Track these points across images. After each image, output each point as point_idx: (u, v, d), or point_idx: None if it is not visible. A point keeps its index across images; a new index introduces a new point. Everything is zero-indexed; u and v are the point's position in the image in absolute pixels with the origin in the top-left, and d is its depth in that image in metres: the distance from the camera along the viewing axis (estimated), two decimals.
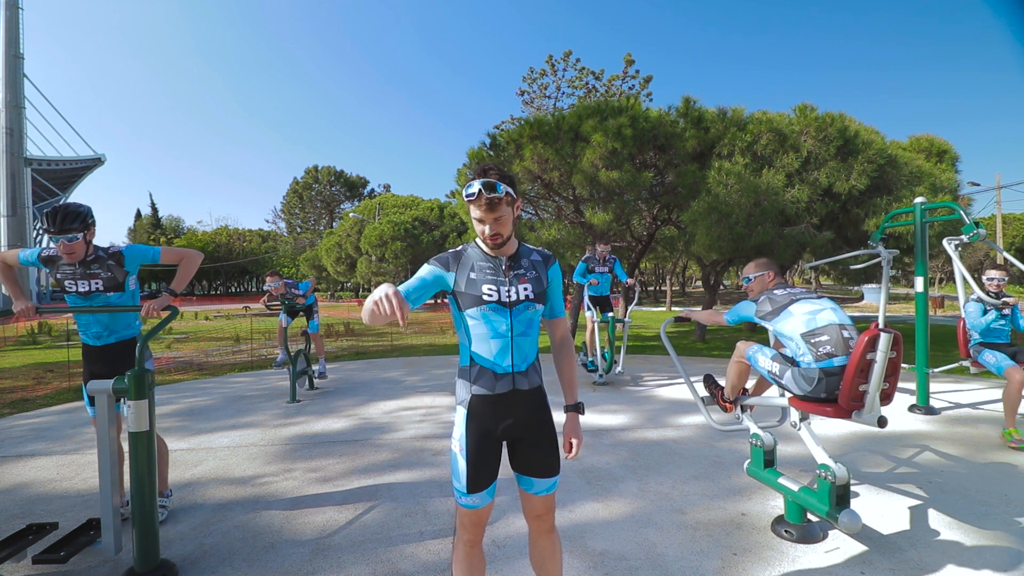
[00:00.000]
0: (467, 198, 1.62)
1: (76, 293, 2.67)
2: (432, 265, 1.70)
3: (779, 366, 2.70)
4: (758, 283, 3.01)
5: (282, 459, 4.03)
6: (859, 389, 2.42)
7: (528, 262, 1.74)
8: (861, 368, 2.39)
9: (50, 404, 6.22)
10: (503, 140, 10.42)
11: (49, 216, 2.53)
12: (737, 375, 3.09)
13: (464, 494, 1.66)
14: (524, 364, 1.69)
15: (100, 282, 2.68)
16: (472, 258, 1.71)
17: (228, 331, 16.97)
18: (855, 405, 2.44)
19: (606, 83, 27.57)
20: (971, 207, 15.47)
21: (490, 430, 1.68)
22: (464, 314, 1.68)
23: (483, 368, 1.67)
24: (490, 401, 1.67)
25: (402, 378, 7.64)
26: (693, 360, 9.26)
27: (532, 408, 1.72)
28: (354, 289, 62.43)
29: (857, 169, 8.86)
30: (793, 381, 2.61)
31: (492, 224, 1.62)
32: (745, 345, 2.98)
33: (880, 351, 2.36)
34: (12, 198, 48.25)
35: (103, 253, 2.73)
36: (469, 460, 1.66)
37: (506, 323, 1.66)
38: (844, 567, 2.39)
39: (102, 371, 2.77)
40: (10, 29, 48.34)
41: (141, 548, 2.31)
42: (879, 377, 2.38)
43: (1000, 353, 4.23)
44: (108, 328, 2.79)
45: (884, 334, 2.36)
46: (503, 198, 1.60)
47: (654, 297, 43.30)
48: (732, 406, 3.19)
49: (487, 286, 1.66)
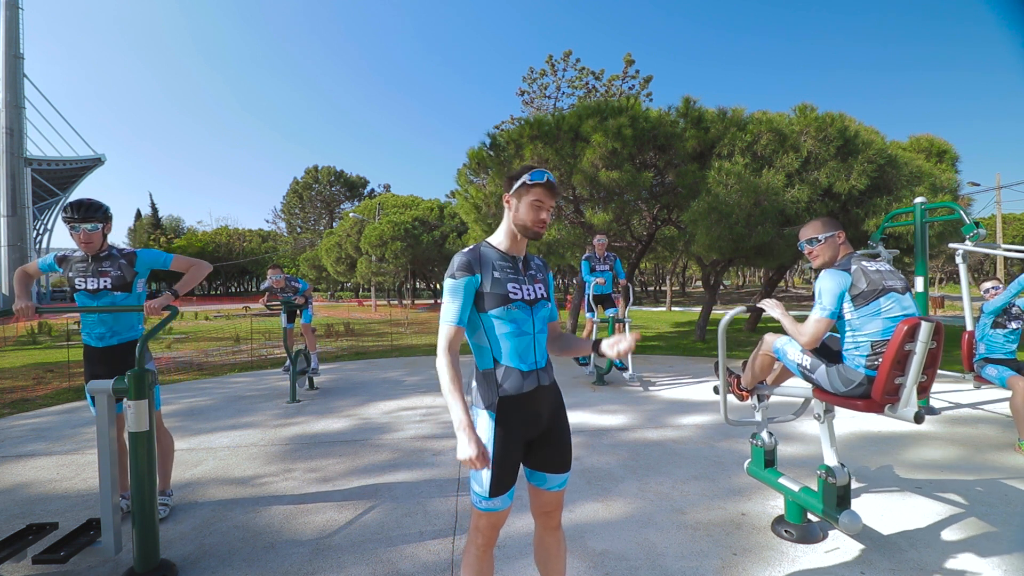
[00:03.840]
0: (531, 181, 1.66)
1: (85, 291, 2.74)
2: (460, 276, 1.62)
3: (811, 360, 2.48)
4: (829, 245, 2.47)
5: (282, 459, 4.03)
6: (895, 382, 2.24)
7: (535, 264, 1.82)
8: (898, 360, 2.20)
9: (50, 404, 6.22)
10: (503, 140, 10.42)
11: (72, 206, 2.64)
12: (760, 368, 2.90)
13: (486, 498, 1.63)
14: (544, 361, 1.74)
15: (109, 280, 2.74)
16: (491, 258, 1.69)
17: (228, 331, 16.97)
18: (890, 399, 2.27)
19: (606, 83, 27.58)
20: (971, 207, 15.49)
21: (517, 431, 1.66)
22: (487, 315, 1.65)
23: (509, 368, 1.66)
24: (519, 401, 1.66)
25: (402, 378, 7.64)
26: (693, 360, 9.26)
27: (554, 404, 1.77)
28: (354, 289, 62.46)
29: (857, 169, 8.86)
30: (827, 378, 2.40)
31: (548, 210, 1.71)
32: (773, 337, 2.76)
33: (920, 341, 2.18)
34: (12, 198, 48.26)
35: (116, 252, 2.82)
36: (496, 463, 1.62)
37: (530, 321, 1.69)
38: (844, 567, 2.39)
39: (103, 372, 2.80)
40: (10, 29, 48.35)
41: (141, 548, 2.31)
42: (917, 369, 2.20)
43: (1002, 367, 4.22)
44: (111, 330, 2.82)
45: (925, 323, 2.18)
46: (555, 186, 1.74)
47: (654, 297, 43.30)
48: (748, 395, 3.03)
49: (511, 284, 1.67)
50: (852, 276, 2.33)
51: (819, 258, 2.49)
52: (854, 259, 2.40)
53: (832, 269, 2.38)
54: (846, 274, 2.33)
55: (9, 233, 47.66)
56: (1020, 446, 4.00)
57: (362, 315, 26.76)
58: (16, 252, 47.83)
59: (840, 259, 2.47)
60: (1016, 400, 3.99)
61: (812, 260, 2.52)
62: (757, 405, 3.03)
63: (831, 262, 2.48)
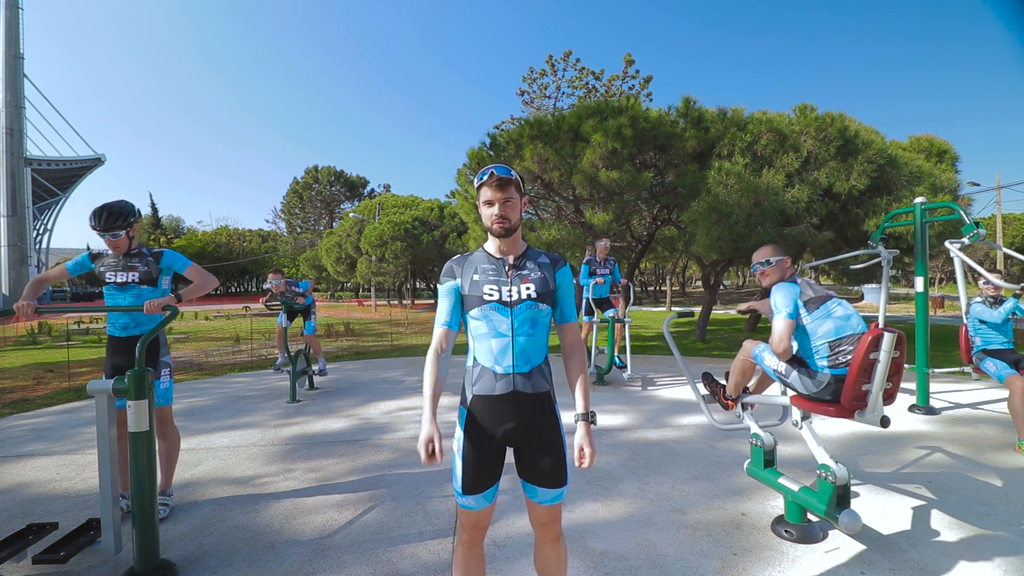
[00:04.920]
0: (478, 182, 1.68)
1: (114, 284, 2.94)
2: (444, 281, 1.75)
3: (785, 365, 2.68)
4: (778, 268, 2.82)
5: (282, 459, 4.03)
6: (862, 389, 2.41)
7: (535, 264, 1.73)
8: (864, 368, 2.38)
9: (50, 404, 6.22)
10: (503, 140, 10.42)
11: (95, 215, 2.83)
12: (741, 373, 3.07)
13: (460, 494, 1.67)
14: (526, 366, 1.66)
15: (137, 274, 2.96)
16: (476, 261, 1.74)
17: (228, 331, 16.97)
18: (858, 405, 2.43)
19: (606, 83, 27.61)
20: (971, 207, 15.48)
21: (489, 433, 1.66)
22: (468, 316, 1.71)
23: (484, 368, 1.67)
24: (489, 402, 1.66)
25: (402, 378, 7.64)
26: (693, 360, 9.26)
27: (535, 413, 1.67)
28: (354, 289, 62.44)
29: (857, 169, 8.86)
30: (800, 381, 2.61)
31: (501, 205, 1.65)
32: (752, 343, 2.95)
33: (883, 351, 2.35)
34: (12, 198, 48.25)
35: (146, 251, 3.03)
36: (465, 461, 1.66)
37: (507, 322, 1.65)
38: (844, 567, 2.39)
39: (123, 363, 2.94)
40: (10, 29, 48.36)
41: (141, 548, 2.31)
42: (882, 377, 2.37)
43: (1001, 361, 4.23)
44: (135, 320, 2.99)
45: (888, 334, 2.34)
46: (513, 180, 1.65)
47: (654, 297, 43.30)
48: (733, 404, 3.18)
49: (488, 286, 1.68)
50: (799, 286, 2.70)
51: (768, 278, 2.84)
52: (797, 276, 2.80)
53: (781, 283, 2.76)
54: (794, 284, 2.72)
55: (9, 233, 47.65)
56: (1020, 446, 4.00)
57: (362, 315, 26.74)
58: (16, 252, 47.83)
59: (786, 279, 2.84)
60: (1014, 400, 3.99)
61: (762, 279, 2.86)
62: (741, 414, 3.13)
63: (779, 281, 2.82)
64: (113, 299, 2.94)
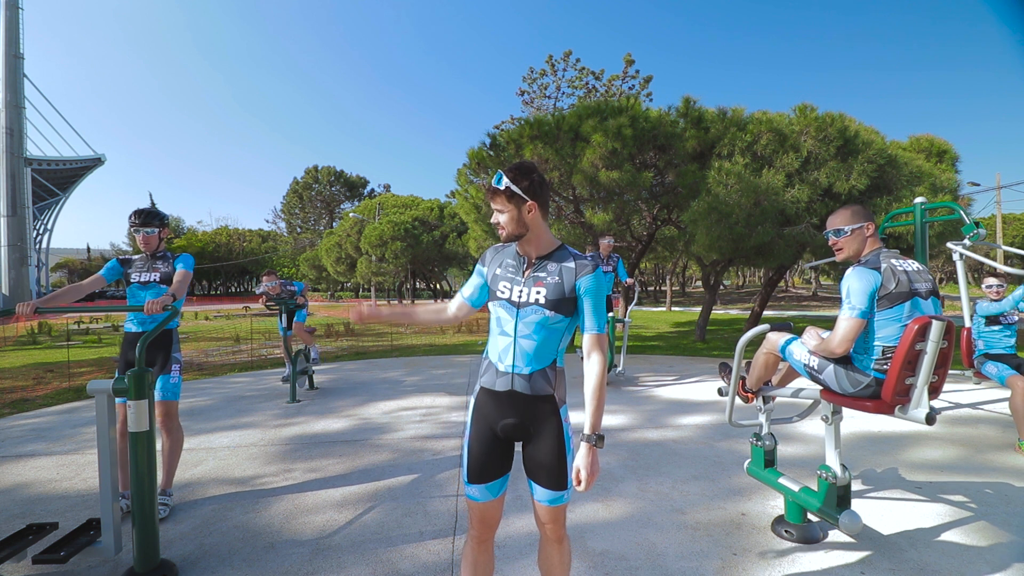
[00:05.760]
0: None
1: (138, 282, 3.20)
2: (477, 265, 1.85)
3: (819, 360, 2.41)
4: (856, 238, 2.31)
5: (282, 459, 4.03)
6: (905, 383, 2.17)
7: (556, 267, 1.64)
8: (909, 360, 2.12)
9: (50, 404, 6.22)
10: (503, 140, 10.42)
11: (136, 213, 3.20)
12: (764, 367, 2.84)
13: (466, 483, 1.71)
14: (527, 368, 1.63)
15: (158, 275, 3.23)
16: (506, 255, 1.77)
17: (228, 331, 16.97)
18: (900, 400, 2.20)
19: (606, 83, 27.60)
20: (971, 207, 15.50)
21: (491, 425, 1.69)
22: (490, 305, 1.76)
23: (490, 362, 1.71)
24: (491, 396, 1.69)
25: (402, 378, 7.64)
26: (693, 360, 9.26)
27: (534, 416, 1.64)
28: (354, 289, 62.44)
29: (857, 169, 8.86)
30: (836, 378, 2.34)
31: (496, 214, 1.68)
32: (778, 335, 2.68)
33: (931, 341, 2.11)
34: (12, 198, 48.24)
35: (170, 255, 3.32)
36: (471, 448, 1.71)
37: (512, 323, 1.66)
38: (844, 567, 2.39)
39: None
40: (10, 29, 48.34)
41: (141, 548, 2.31)
42: (928, 369, 2.14)
43: (1002, 364, 4.23)
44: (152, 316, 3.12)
45: (936, 322, 2.11)
46: (501, 191, 1.61)
47: (654, 297, 43.29)
48: (754, 396, 2.98)
49: (503, 283, 1.71)
50: (882, 276, 2.19)
51: (843, 251, 2.34)
52: (883, 256, 2.26)
53: (861, 267, 2.24)
54: (876, 273, 2.19)
55: (9, 233, 47.63)
56: (1020, 446, 4.00)
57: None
58: (16, 252, 47.82)
59: (867, 255, 2.31)
60: (1015, 400, 3.99)
61: (836, 253, 2.39)
62: (762, 407, 2.99)
63: (856, 256, 2.34)
64: (135, 298, 3.18)
